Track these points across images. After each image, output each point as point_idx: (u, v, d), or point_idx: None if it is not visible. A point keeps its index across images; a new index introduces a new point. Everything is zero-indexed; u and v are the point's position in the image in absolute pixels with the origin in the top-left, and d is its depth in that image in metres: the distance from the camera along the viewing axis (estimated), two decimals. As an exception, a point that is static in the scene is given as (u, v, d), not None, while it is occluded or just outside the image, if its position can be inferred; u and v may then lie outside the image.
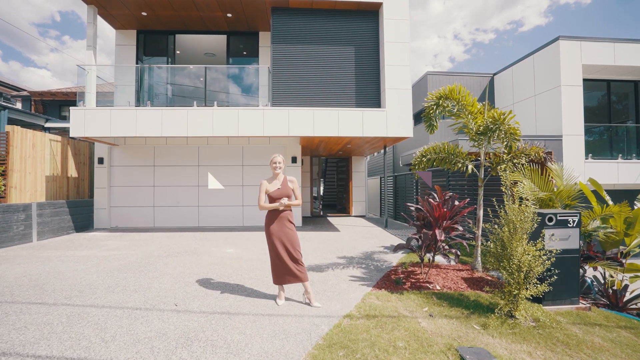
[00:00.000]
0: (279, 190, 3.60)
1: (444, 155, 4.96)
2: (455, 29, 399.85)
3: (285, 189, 3.62)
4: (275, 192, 3.59)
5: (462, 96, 4.22)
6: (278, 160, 3.67)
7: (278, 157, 3.70)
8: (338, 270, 4.99)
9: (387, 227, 9.56)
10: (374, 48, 8.37)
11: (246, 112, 7.70)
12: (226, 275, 4.60)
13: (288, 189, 3.64)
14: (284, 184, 3.65)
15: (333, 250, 6.39)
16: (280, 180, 3.68)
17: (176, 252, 6.07)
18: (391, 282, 4.49)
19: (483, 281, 4.57)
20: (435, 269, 5.10)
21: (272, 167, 3.68)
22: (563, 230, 3.93)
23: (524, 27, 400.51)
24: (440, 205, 4.04)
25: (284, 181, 3.65)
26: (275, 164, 3.65)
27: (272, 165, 3.67)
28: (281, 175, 3.71)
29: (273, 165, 3.67)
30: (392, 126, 7.87)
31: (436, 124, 4.34)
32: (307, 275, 3.64)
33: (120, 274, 4.56)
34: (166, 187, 9.50)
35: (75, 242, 7.09)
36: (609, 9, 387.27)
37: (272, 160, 3.69)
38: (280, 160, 3.68)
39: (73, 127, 7.48)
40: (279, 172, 3.67)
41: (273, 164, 3.67)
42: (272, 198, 3.61)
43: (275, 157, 3.69)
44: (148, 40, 9.82)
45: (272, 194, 3.59)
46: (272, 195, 3.60)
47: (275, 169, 3.66)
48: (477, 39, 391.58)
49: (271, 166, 3.69)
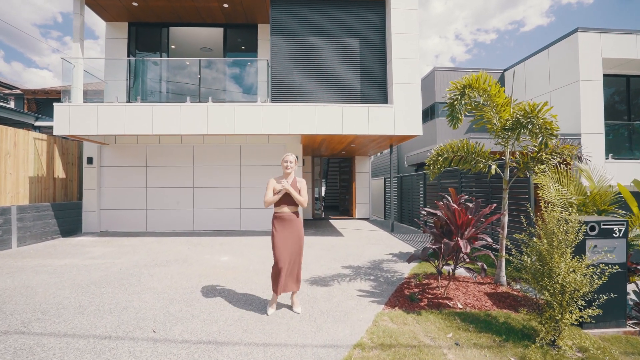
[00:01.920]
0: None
1: (462, 154, 4.41)
2: (456, 29, 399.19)
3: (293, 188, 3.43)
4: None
5: (489, 85, 3.67)
6: (290, 160, 3.44)
7: (290, 156, 3.47)
8: (344, 283, 4.44)
9: (394, 232, 9.01)
10: (380, 40, 7.83)
11: (243, 109, 7.16)
12: (217, 290, 4.05)
13: (296, 189, 3.46)
14: (293, 184, 3.46)
15: (337, 258, 5.85)
16: (290, 180, 3.46)
17: (165, 261, 5.53)
18: (405, 298, 3.94)
19: (509, 297, 4.01)
20: (453, 281, 4.54)
21: (283, 166, 3.46)
22: (607, 241, 3.37)
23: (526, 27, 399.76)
24: (463, 211, 3.49)
25: (293, 182, 3.48)
26: (287, 163, 3.44)
27: (284, 165, 3.45)
28: (292, 176, 3.50)
29: (285, 165, 3.44)
30: (400, 123, 7.32)
31: (461, 117, 3.80)
32: None
33: (97, 289, 4.02)
34: (159, 188, 8.96)
35: (58, 248, 6.56)
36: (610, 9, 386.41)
37: (284, 159, 3.47)
38: (292, 160, 3.46)
39: (57, 124, 6.95)
40: (290, 172, 3.46)
41: (285, 163, 3.45)
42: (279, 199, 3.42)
43: (288, 156, 3.46)
44: (140, 33, 9.29)
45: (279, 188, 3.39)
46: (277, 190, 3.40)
47: (287, 169, 3.44)
48: (478, 39, 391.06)
49: (282, 165, 3.47)
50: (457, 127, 3.90)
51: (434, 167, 4.68)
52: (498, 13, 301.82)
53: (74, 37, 7.52)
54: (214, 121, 7.11)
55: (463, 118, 3.88)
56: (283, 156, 3.49)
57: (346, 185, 13.83)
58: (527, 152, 4.25)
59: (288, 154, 3.48)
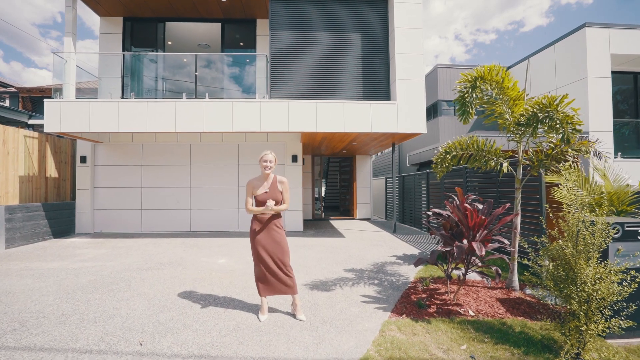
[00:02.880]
0: (267, 194, 3.14)
1: (472, 152, 4.17)
2: (456, 29, 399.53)
3: (273, 192, 3.16)
4: (263, 196, 3.13)
5: (502, 78, 3.43)
6: (269, 159, 3.16)
7: (269, 154, 3.18)
8: (347, 288, 4.19)
9: (396, 232, 8.77)
10: (383, 35, 7.58)
11: (241, 105, 6.90)
12: (212, 297, 3.80)
13: (277, 192, 3.19)
14: (273, 186, 3.20)
15: (339, 261, 5.60)
16: (270, 181, 3.20)
17: (159, 264, 5.27)
18: (412, 304, 3.69)
19: (523, 303, 3.76)
20: (462, 286, 4.30)
21: (261, 165, 3.17)
22: (632, 244, 3.13)
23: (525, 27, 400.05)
24: (475, 211, 3.24)
25: (273, 182, 3.22)
26: (265, 163, 3.15)
27: (262, 164, 3.16)
28: (271, 176, 3.24)
29: (263, 164, 3.16)
30: (403, 121, 7.08)
31: (472, 110, 3.55)
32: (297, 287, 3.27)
33: (83, 295, 3.76)
34: (155, 188, 8.70)
35: (48, 250, 6.30)
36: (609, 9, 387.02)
37: (262, 158, 3.18)
38: (271, 159, 3.18)
39: (47, 121, 6.69)
40: (269, 173, 3.18)
41: (263, 163, 3.16)
42: (258, 202, 3.14)
43: (266, 155, 3.17)
44: (136, 29, 9.03)
45: (259, 197, 3.13)
46: (258, 199, 3.14)
47: (266, 168, 3.16)
48: (478, 39, 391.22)
49: (260, 165, 3.18)
50: (468, 122, 3.65)
51: (441, 165, 4.43)
52: (498, 13, 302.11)
53: (66, 32, 7.26)
54: (211, 118, 6.85)
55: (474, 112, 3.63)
56: (261, 154, 3.19)
57: (347, 185, 13.58)
58: (541, 149, 4.01)
59: (266, 152, 3.19)
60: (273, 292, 3.19)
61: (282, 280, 3.16)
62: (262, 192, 3.15)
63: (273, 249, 3.14)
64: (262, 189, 3.16)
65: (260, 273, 3.18)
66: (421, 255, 6.07)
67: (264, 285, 3.18)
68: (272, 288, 3.17)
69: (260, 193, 3.14)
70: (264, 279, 3.17)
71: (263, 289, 3.19)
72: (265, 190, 3.16)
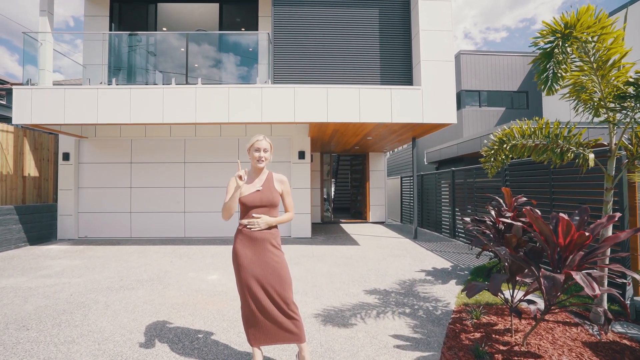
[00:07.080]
0: (258, 193, 2.09)
1: (541, 140, 3.08)
2: (465, 28, 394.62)
3: (268, 192, 2.12)
4: (252, 197, 2.07)
5: (603, 26, 2.34)
6: (263, 147, 2.12)
7: (262, 141, 2.13)
8: (370, 320, 3.14)
9: (417, 239, 7.68)
10: (403, 9, 6.51)
11: (239, 92, 5.91)
12: (191, 334, 2.79)
13: (273, 192, 2.14)
14: (267, 184, 2.15)
15: (356, 277, 4.55)
16: (263, 178, 2.18)
17: (136, 281, 4.30)
18: (466, 351, 2.62)
19: (626, 350, 2.66)
20: (523, 319, 3.21)
21: (254, 157, 2.11)
22: None
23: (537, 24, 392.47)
24: (572, 224, 2.16)
25: (268, 179, 2.18)
26: (258, 153, 2.13)
27: (254, 155, 2.11)
28: (265, 173, 2.21)
29: (255, 155, 2.11)
30: (429, 109, 6.00)
31: (564, 74, 2.46)
32: (304, 333, 2.14)
33: (15, 333, 2.79)
34: (145, 188, 7.78)
35: (13, 261, 5.39)
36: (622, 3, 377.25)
37: (253, 145, 2.13)
38: (266, 147, 2.16)
39: (16, 112, 5.81)
40: (262, 167, 2.17)
41: (255, 153, 2.12)
42: (245, 205, 2.06)
43: (259, 142, 2.13)
44: (124, 10, 8.14)
45: (246, 200, 2.07)
46: (245, 202, 2.07)
47: (259, 161, 2.11)
48: (488, 37, 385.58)
49: (250, 155, 2.13)
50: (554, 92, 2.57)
51: (495, 159, 3.35)
52: (508, 11, 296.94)
53: (41, 10, 6.37)
54: (204, 107, 5.88)
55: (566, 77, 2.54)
56: (251, 141, 2.16)
57: (358, 185, 12.51)
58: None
59: (259, 137, 2.14)
60: (269, 341, 2.11)
61: (282, 324, 2.07)
62: (252, 190, 2.11)
63: (268, 279, 2.06)
64: (250, 186, 2.13)
65: (249, 314, 2.10)
66: (474, 282, 5.00)
67: (256, 331, 2.10)
68: (267, 336, 2.09)
69: (249, 193, 2.09)
70: (255, 323, 2.09)
71: (254, 337, 2.11)
72: (256, 189, 2.12)
